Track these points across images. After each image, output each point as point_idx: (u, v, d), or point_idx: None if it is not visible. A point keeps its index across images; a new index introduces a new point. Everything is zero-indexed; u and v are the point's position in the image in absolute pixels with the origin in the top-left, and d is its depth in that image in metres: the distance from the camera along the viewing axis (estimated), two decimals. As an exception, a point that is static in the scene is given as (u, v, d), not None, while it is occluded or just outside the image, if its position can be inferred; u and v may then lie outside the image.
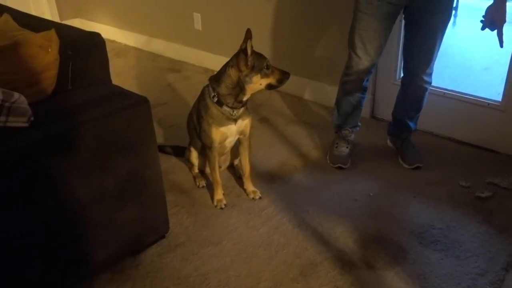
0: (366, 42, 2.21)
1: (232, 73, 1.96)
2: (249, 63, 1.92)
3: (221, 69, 2.02)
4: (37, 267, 1.57)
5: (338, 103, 2.50)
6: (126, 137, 1.68)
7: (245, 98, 2.01)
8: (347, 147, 2.52)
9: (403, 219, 2.11)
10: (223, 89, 1.99)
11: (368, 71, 2.32)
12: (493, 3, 1.97)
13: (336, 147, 2.53)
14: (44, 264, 1.60)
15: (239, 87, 1.97)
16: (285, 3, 3.19)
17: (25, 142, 1.45)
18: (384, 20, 2.17)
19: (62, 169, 1.53)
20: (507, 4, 1.96)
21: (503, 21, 1.97)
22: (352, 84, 2.37)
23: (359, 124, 2.56)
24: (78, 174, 1.57)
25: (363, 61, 2.26)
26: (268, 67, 1.96)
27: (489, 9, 1.99)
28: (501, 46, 2.01)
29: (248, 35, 1.92)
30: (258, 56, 1.96)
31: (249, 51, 1.90)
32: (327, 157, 2.54)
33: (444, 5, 2.15)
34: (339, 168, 2.47)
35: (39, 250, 1.56)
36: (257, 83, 1.96)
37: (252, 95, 2.03)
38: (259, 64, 1.94)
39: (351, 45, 2.27)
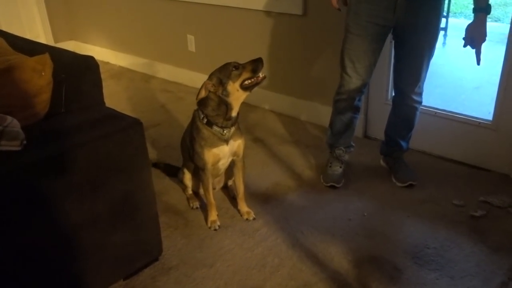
0: (355, 62, 2.24)
1: (212, 96, 1.98)
2: (213, 88, 1.95)
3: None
4: (28, 291, 1.55)
5: (331, 122, 2.52)
6: (119, 159, 1.68)
7: (233, 114, 2.02)
8: (340, 167, 2.53)
9: (397, 239, 2.10)
10: (210, 111, 2.01)
11: (359, 91, 2.34)
12: (473, 21, 2.02)
13: (330, 166, 2.55)
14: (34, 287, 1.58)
15: (224, 104, 1.98)
16: (278, 25, 3.23)
17: (17, 165, 1.44)
18: (372, 41, 2.21)
19: (55, 192, 1.52)
20: (491, 23, 2.00)
21: (483, 39, 2.01)
22: (344, 103, 2.39)
23: (353, 144, 2.58)
24: (71, 197, 1.56)
25: (353, 80, 2.29)
26: (236, 67, 1.96)
27: (469, 28, 2.03)
28: (478, 64, 2.04)
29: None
30: (221, 68, 1.98)
31: (209, 88, 1.96)
32: (321, 177, 2.55)
33: (430, 26, 2.18)
34: (332, 187, 2.47)
35: (30, 274, 1.54)
36: (235, 89, 1.96)
37: (241, 111, 2.04)
38: (225, 72, 1.96)
39: (342, 65, 2.31)
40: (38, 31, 4.63)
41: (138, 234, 1.84)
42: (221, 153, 2.09)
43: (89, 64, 1.83)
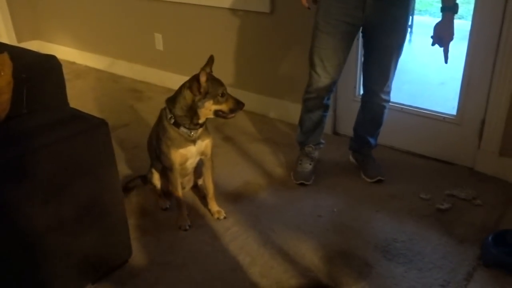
0: (324, 60, 2.25)
1: (187, 95, 1.95)
2: (202, 90, 1.91)
3: (177, 90, 2.01)
4: (-9, 300, 1.50)
5: (300, 120, 2.53)
6: (84, 161, 1.64)
7: (200, 121, 2.00)
8: (310, 164, 2.55)
9: (367, 234, 2.13)
10: (178, 110, 1.98)
11: (328, 89, 2.35)
12: (441, 20, 2.05)
13: (300, 164, 2.55)
14: (-1, 296, 1.53)
15: (193, 110, 1.96)
16: (246, 23, 3.23)
17: (-23, 169, 1.39)
18: (342, 39, 2.21)
19: (17, 196, 1.48)
20: (455, 21, 2.04)
21: (451, 38, 2.05)
22: (313, 101, 2.40)
23: (322, 141, 2.60)
24: (34, 200, 1.52)
25: (322, 79, 2.30)
26: (223, 95, 1.95)
27: (437, 26, 2.06)
28: (446, 62, 2.08)
29: (210, 61, 1.97)
30: (215, 82, 1.94)
31: (202, 79, 1.89)
32: (291, 174, 2.56)
33: (398, 25, 2.21)
34: (302, 184, 2.48)
35: (-7, 281, 1.49)
36: (208, 108, 1.95)
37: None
38: (214, 90, 1.93)
39: (311, 63, 2.31)
40: (0, 30, 4.49)
41: (106, 237, 1.80)
42: (188, 153, 2.07)
43: (52, 64, 1.79)
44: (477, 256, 1.96)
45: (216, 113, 1.98)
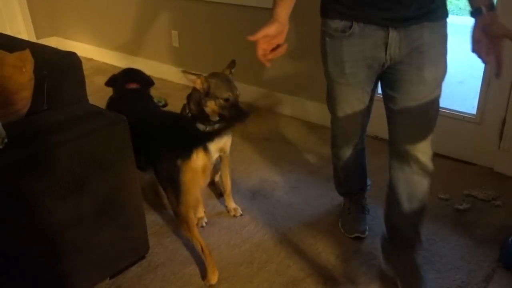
0: (347, 109, 1.82)
1: (196, 92, 1.97)
2: (201, 89, 1.92)
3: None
4: (12, 292, 1.53)
5: (334, 170, 2.14)
6: (103, 157, 1.66)
7: (212, 119, 2.00)
8: (363, 212, 2.14)
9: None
10: (192, 105, 2.01)
11: (359, 136, 1.95)
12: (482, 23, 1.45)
13: (349, 213, 2.14)
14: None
15: (200, 106, 1.97)
16: (262, 20, 3.21)
17: (-1, 164, 1.41)
18: (366, 85, 1.74)
19: (38, 191, 1.50)
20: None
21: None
22: (344, 151, 1.99)
23: (369, 182, 2.21)
24: (54, 195, 1.54)
25: (349, 129, 1.92)
26: (227, 100, 1.91)
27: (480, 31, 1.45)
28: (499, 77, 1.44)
29: (231, 64, 2.03)
30: (222, 85, 1.93)
31: (197, 86, 1.92)
32: (340, 224, 2.15)
33: (438, 57, 1.63)
34: (357, 238, 2.06)
35: (13, 274, 1.51)
36: (211, 108, 1.94)
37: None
38: (217, 93, 1.92)
39: (333, 114, 1.90)
40: (19, 27, 4.54)
41: (124, 232, 1.82)
42: (207, 149, 2.08)
43: (72, 61, 1.81)
44: (496, 257, 1.93)
45: (220, 115, 1.96)
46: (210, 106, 1.94)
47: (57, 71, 1.78)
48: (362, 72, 1.68)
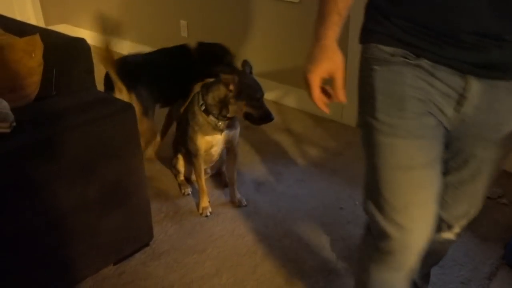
0: (405, 193, 1.10)
1: (221, 88, 1.95)
2: (232, 90, 1.92)
3: (214, 79, 2.02)
4: (16, 274, 1.54)
5: None
6: (110, 144, 1.66)
7: (229, 115, 2.00)
8: None
9: (388, 228, 2.11)
10: (210, 99, 1.98)
11: (419, 257, 1.18)
12: None
13: None
14: (24, 272, 1.56)
15: (224, 103, 1.96)
16: (274, 11, 3.21)
17: (7, 147, 1.42)
18: (433, 145, 1.11)
19: (45, 175, 1.51)
20: None
21: None
22: (390, 276, 1.23)
23: None
24: (61, 181, 1.55)
25: (412, 235, 1.12)
26: (258, 100, 1.94)
27: None
28: None
29: (246, 65, 2.04)
30: (253, 86, 1.95)
31: (230, 87, 1.91)
32: None
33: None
34: None
35: (19, 257, 1.53)
36: (240, 108, 1.95)
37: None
38: (249, 92, 1.93)
39: (376, 205, 1.13)
40: (29, 14, 4.54)
41: (129, 219, 1.83)
42: (214, 140, 2.08)
43: (81, 47, 1.81)
44: (500, 255, 1.92)
45: (246, 115, 1.97)
46: (240, 106, 1.94)
47: (66, 57, 1.78)
48: (426, 121, 1.08)
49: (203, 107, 2.00)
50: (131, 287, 1.79)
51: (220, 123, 2.02)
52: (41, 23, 4.58)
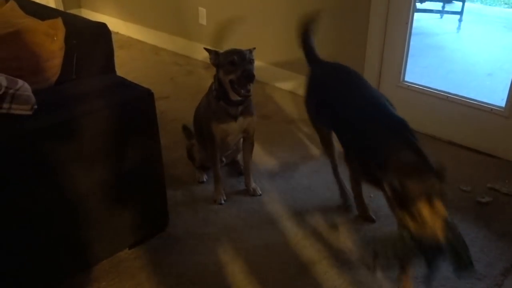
0: None
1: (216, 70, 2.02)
2: (214, 63, 1.98)
3: None
4: (34, 256, 1.57)
5: None
6: (129, 129, 1.67)
7: (232, 97, 2.00)
8: None
9: (402, 221, 2.10)
10: (216, 84, 2.03)
11: None
12: None
13: None
14: (42, 253, 1.59)
15: (221, 85, 1.99)
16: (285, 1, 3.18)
17: (28, 129, 1.44)
18: None
19: (63, 158, 1.52)
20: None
21: None
22: None
23: None
24: (79, 164, 1.56)
25: None
26: (233, 63, 1.92)
27: None
28: None
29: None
30: (229, 53, 1.96)
31: (211, 61, 2.00)
32: None
33: None
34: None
35: (36, 238, 1.55)
36: (224, 80, 1.97)
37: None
38: (224, 59, 1.95)
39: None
40: (48, -3, 4.58)
41: (145, 204, 1.85)
42: (230, 128, 2.08)
43: (102, 31, 1.82)
44: (516, 252, 1.91)
45: (232, 86, 1.96)
46: (223, 77, 1.96)
47: (87, 41, 1.80)
48: None
49: (215, 93, 2.04)
50: (146, 271, 1.81)
51: (231, 109, 2.02)
52: (60, 7, 4.60)
